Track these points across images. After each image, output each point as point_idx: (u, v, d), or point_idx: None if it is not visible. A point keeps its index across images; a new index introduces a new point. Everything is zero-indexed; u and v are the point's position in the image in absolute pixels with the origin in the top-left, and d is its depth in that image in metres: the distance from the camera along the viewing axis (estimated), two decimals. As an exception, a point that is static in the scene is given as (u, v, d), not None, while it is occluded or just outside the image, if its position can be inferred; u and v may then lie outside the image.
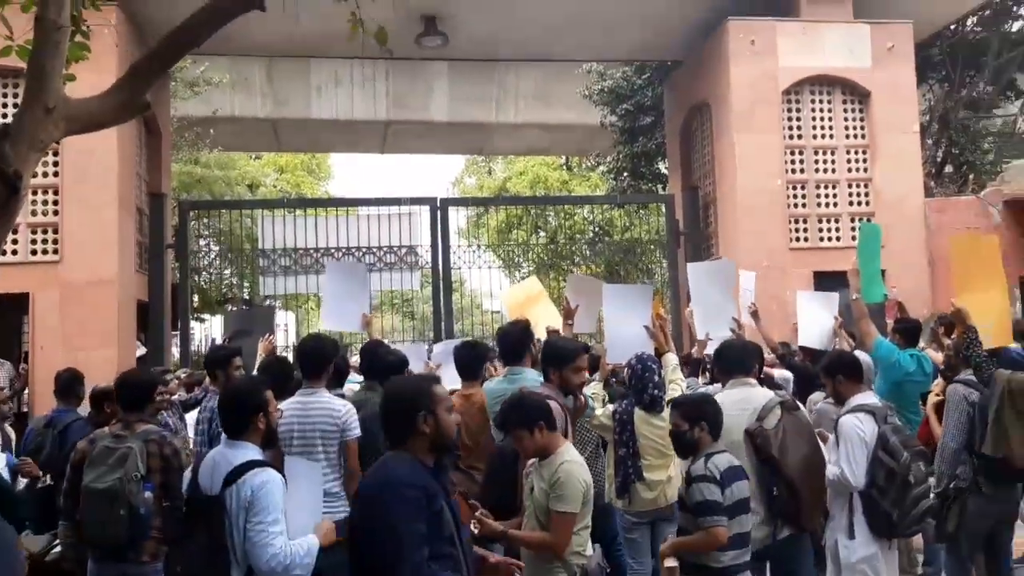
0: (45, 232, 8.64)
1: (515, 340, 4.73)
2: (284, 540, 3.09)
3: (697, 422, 3.62)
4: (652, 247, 11.86)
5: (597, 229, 19.47)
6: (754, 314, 6.57)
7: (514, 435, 3.50)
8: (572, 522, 3.32)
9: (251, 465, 3.18)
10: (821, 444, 4.16)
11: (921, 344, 5.98)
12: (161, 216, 10.20)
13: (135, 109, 3.67)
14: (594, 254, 13.49)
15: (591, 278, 7.98)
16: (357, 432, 4.28)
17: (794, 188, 10.24)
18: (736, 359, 4.41)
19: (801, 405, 4.55)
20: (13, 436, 5.85)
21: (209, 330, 14.98)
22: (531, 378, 4.52)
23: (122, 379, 4.30)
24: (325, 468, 4.13)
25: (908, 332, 5.76)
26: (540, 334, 5.50)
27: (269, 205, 11.80)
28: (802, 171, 10.30)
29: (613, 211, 13.66)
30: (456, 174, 31.96)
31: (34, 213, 8.57)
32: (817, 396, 5.42)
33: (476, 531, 3.30)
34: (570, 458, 3.42)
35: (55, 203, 8.66)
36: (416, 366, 5.70)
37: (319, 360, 4.46)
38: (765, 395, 4.18)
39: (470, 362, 5.07)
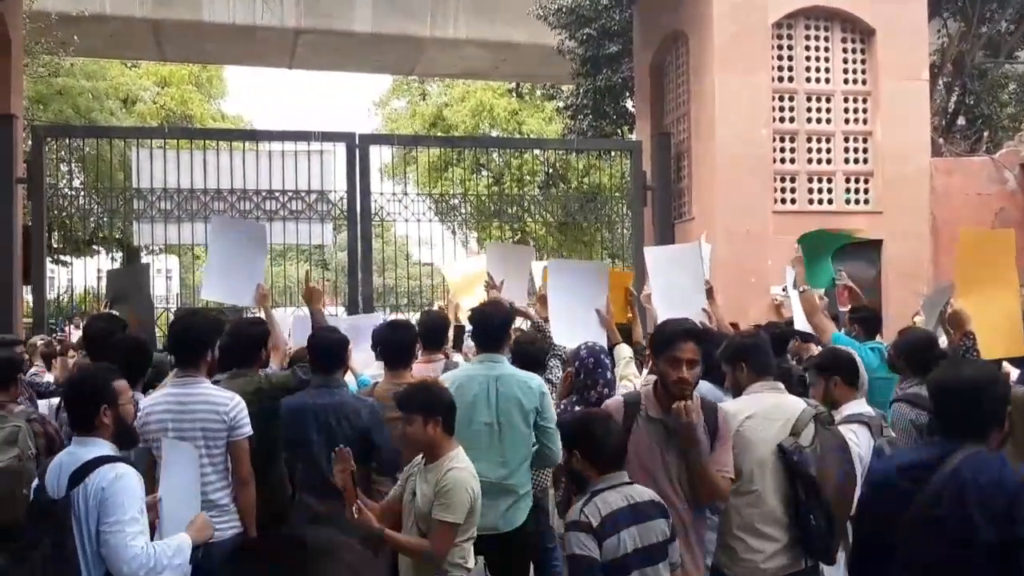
0: None
1: (498, 325, 4.67)
2: (145, 539, 3.24)
3: (572, 451, 3.39)
4: (617, 194, 11.86)
5: (551, 170, 19.39)
6: (709, 291, 6.44)
7: (408, 418, 3.69)
8: (454, 532, 3.60)
9: (100, 461, 3.28)
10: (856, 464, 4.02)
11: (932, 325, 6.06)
12: (10, 143, 9.88)
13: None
14: (548, 200, 13.42)
15: (517, 245, 7.92)
16: (248, 430, 4.18)
17: (782, 140, 10.33)
18: (766, 357, 4.07)
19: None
20: None
21: (72, 275, 14.53)
22: (509, 368, 4.56)
23: None
24: (209, 474, 4.06)
25: (867, 322, 5.83)
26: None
27: (145, 134, 11.44)
28: (792, 120, 10.37)
29: (570, 154, 13.64)
30: (382, 94, 31.32)
31: None
32: None
33: (356, 515, 3.54)
34: (459, 464, 3.67)
35: None
36: None
37: (197, 343, 4.30)
38: (797, 404, 3.93)
39: (403, 346, 4.99)
